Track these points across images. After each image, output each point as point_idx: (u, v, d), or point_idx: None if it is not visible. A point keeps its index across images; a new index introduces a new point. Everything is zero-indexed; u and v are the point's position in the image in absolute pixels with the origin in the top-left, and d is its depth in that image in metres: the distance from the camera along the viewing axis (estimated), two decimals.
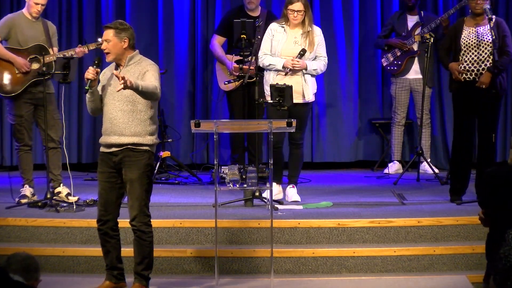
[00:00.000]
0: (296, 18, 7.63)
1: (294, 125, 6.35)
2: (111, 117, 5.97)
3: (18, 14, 7.87)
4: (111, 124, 5.97)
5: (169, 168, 9.42)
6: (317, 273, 6.63)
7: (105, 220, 6.03)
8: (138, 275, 6.03)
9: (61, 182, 7.74)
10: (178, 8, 9.96)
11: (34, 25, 7.78)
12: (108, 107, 6.00)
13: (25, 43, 7.71)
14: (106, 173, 6.02)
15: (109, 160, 6.01)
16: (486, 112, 7.53)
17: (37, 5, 7.71)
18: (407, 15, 9.53)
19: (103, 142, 6.04)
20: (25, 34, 7.71)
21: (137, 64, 6.00)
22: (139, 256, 6.00)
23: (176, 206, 7.57)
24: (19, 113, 7.68)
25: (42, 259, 6.58)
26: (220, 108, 9.90)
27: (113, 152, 5.98)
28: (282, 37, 7.67)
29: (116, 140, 5.95)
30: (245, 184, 6.58)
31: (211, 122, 6.34)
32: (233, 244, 6.82)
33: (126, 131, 5.94)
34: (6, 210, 7.35)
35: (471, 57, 7.63)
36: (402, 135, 9.66)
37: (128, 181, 5.95)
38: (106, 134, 6.01)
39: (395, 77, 9.54)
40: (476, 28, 7.63)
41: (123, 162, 5.96)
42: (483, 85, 7.49)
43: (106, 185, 6.02)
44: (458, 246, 6.75)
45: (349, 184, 9.01)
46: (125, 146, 5.95)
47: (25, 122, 7.70)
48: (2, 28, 7.73)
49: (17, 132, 7.75)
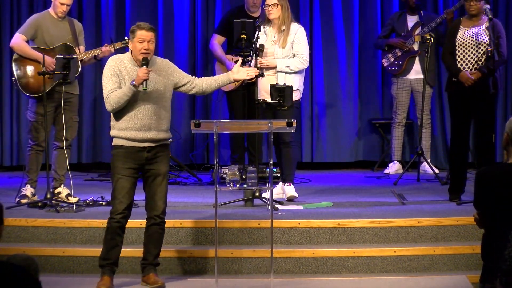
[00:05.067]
0: (271, 13, 7.69)
1: (295, 125, 6.35)
2: (146, 114, 6.09)
3: (44, 14, 7.86)
4: (149, 120, 6.09)
5: (169, 168, 9.40)
6: (317, 273, 6.63)
7: (126, 214, 6.13)
8: (153, 265, 6.25)
9: (62, 183, 7.74)
10: (178, 8, 9.97)
11: (60, 24, 7.77)
12: (139, 104, 6.08)
13: (51, 43, 7.70)
14: (132, 169, 6.12)
15: (139, 156, 6.11)
16: (481, 113, 7.55)
17: (62, 5, 7.71)
18: (407, 15, 9.53)
19: (137, 137, 6.09)
20: (51, 33, 7.71)
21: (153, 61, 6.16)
22: (158, 247, 6.26)
23: (176, 206, 7.56)
24: (40, 111, 7.65)
25: (42, 259, 6.58)
26: (220, 108, 9.91)
27: (147, 148, 6.10)
28: (262, 38, 7.72)
29: (155, 135, 6.11)
30: (245, 184, 6.58)
31: (211, 122, 6.34)
32: (233, 244, 6.82)
33: (163, 126, 6.15)
34: (6, 210, 7.34)
35: (465, 57, 7.65)
36: (403, 136, 9.66)
37: (157, 175, 6.15)
38: (143, 130, 6.09)
39: (396, 77, 9.54)
40: (471, 29, 7.65)
41: (155, 157, 6.13)
42: (468, 82, 7.51)
43: (132, 180, 6.12)
44: (458, 246, 6.75)
45: (349, 184, 9.01)
46: (159, 142, 6.14)
47: (44, 121, 7.66)
48: (29, 28, 7.72)
49: (34, 130, 7.73)
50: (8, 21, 9.88)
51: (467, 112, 7.61)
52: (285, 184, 7.83)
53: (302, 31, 7.80)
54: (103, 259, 6.16)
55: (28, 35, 7.70)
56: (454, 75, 7.67)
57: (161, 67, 6.20)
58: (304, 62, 7.75)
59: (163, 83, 6.15)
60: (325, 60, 10.01)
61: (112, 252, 6.14)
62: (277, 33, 7.75)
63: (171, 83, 6.20)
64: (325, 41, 9.97)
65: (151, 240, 6.22)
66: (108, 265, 6.15)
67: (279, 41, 7.71)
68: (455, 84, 7.67)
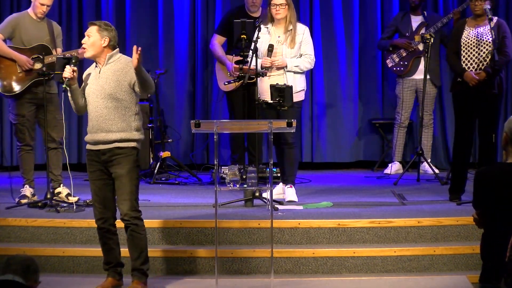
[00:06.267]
0: (278, 12, 7.68)
1: (295, 125, 6.35)
2: (97, 115, 6.02)
3: (23, 14, 7.86)
4: (97, 122, 6.02)
5: (169, 168, 9.42)
6: (317, 274, 6.63)
7: (106, 218, 6.06)
8: (137, 271, 6.04)
9: (61, 183, 7.74)
10: (178, 8, 9.97)
11: (39, 25, 7.77)
12: (92, 106, 6.05)
13: (29, 43, 7.70)
14: (97, 171, 6.06)
15: (97, 158, 6.05)
16: (486, 113, 7.55)
17: (42, 6, 7.71)
18: (410, 16, 9.53)
19: (90, 140, 6.07)
20: (29, 34, 7.71)
21: (116, 61, 6.06)
22: (136, 251, 6.03)
23: (176, 206, 7.57)
24: (21, 113, 7.68)
25: (42, 259, 6.58)
26: (220, 108, 9.91)
27: (101, 150, 6.02)
28: (265, 38, 7.71)
29: (104, 137, 5.99)
30: (245, 184, 6.58)
31: (211, 122, 6.33)
32: (233, 244, 6.82)
33: (113, 127, 5.99)
34: (6, 210, 7.35)
35: (469, 57, 7.65)
36: (404, 136, 9.65)
37: (118, 177, 5.98)
38: (93, 132, 6.05)
39: (401, 78, 9.53)
40: (476, 29, 7.65)
41: (111, 160, 5.99)
42: (473, 82, 7.51)
43: (100, 183, 6.05)
44: (458, 246, 6.75)
45: (349, 184, 9.01)
46: (112, 143, 5.98)
47: (26, 122, 7.69)
48: (6, 27, 7.72)
49: (19, 132, 7.75)
50: None
51: (471, 112, 7.60)
52: (286, 186, 7.82)
53: (308, 31, 7.82)
54: (104, 263, 6.19)
55: (5, 34, 7.70)
56: (459, 75, 7.67)
57: (119, 67, 6.03)
58: (312, 63, 7.77)
59: (115, 82, 5.98)
60: (325, 60, 10.00)
61: (110, 256, 6.14)
62: (283, 33, 7.73)
63: (125, 83, 5.99)
64: (325, 41, 9.97)
65: (128, 243, 6.09)
66: (109, 267, 6.16)
67: (286, 41, 7.70)
68: (459, 84, 7.67)
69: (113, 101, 5.98)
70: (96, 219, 6.08)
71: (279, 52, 7.69)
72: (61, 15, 9.87)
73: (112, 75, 5.99)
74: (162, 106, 9.60)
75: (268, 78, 7.60)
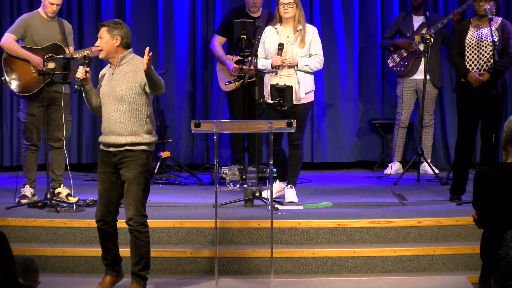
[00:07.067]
0: (286, 11, 7.66)
1: (295, 125, 6.34)
2: (108, 117, 6.01)
3: (33, 13, 7.86)
4: (108, 124, 6.01)
5: (169, 168, 9.42)
6: (317, 274, 6.63)
7: (106, 221, 6.05)
8: (135, 275, 6.03)
9: (61, 183, 7.75)
10: (178, 8, 9.97)
11: (50, 24, 7.77)
12: (105, 107, 6.04)
13: (41, 43, 7.70)
14: (107, 173, 6.05)
15: (109, 160, 6.04)
16: (488, 113, 7.54)
17: (52, 5, 7.71)
18: (412, 16, 9.53)
19: (102, 141, 6.08)
20: (40, 33, 7.71)
21: (129, 62, 6.04)
22: (136, 257, 6.01)
23: (176, 206, 7.57)
24: (32, 112, 7.67)
25: (42, 259, 6.59)
26: (220, 108, 9.91)
27: (112, 152, 6.01)
28: (274, 38, 7.69)
29: (114, 140, 5.98)
30: (245, 185, 6.58)
31: (211, 123, 6.33)
32: (233, 244, 6.82)
33: (123, 130, 5.97)
34: (6, 210, 7.35)
35: (473, 58, 7.65)
36: (404, 137, 9.65)
37: (126, 180, 5.97)
38: (105, 134, 6.05)
39: (402, 78, 9.53)
40: (480, 29, 7.65)
41: (121, 163, 5.98)
42: (477, 83, 7.51)
43: (108, 185, 6.04)
44: (458, 246, 6.76)
45: (349, 184, 9.01)
46: (123, 147, 5.96)
47: (36, 122, 7.69)
48: (18, 27, 7.72)
49: (27, 131, 7.75)
50: (8, 21, 9.86)
51: (474, 112, 7.60)
52: (287, 186, 7.82)
53: (317, 32, 7.81)
54: (102, 258, 6.20)
55: (17, 35, 7.70)
56: (463, 76, 7.66)
57: (130, 68, 6.01)
58: (321, 63, 7.76)
59: (126, 85, 5.96)
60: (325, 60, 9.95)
61: (107, 255, 6.15)
62: (292, 32, 7.72)
63: (136, 85, 5.97)
64: (325, 41, 9.91)
65: (130, 246, 6.07)
66: (107, 264, 6.18)
67: (296, 41, 7.68)
68: (463, 85, 7.66)
69: (124, 104, 5.96)
70: (96, 219, 6.08)
71: (289, 51, 7.66)
72: (61, 15, 9.85)
73: (124, 77, 5.96)
74: (162, 106, 9.60)
75: (279, 77, 7.58)
